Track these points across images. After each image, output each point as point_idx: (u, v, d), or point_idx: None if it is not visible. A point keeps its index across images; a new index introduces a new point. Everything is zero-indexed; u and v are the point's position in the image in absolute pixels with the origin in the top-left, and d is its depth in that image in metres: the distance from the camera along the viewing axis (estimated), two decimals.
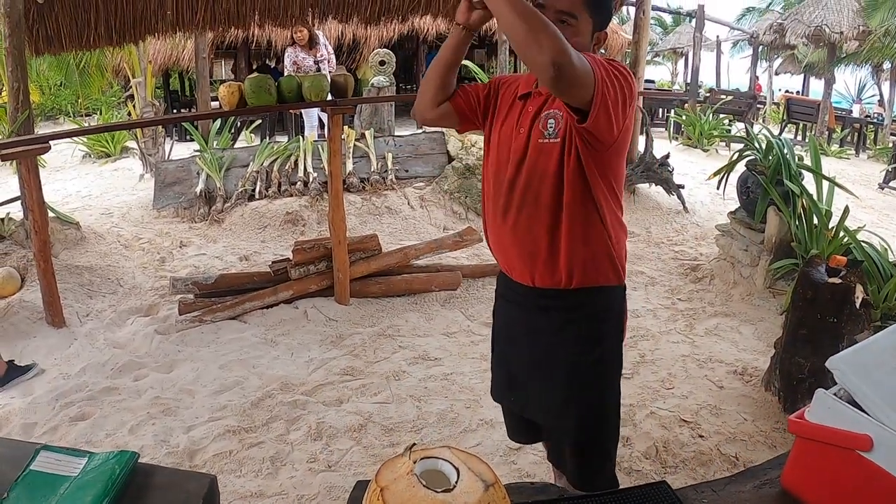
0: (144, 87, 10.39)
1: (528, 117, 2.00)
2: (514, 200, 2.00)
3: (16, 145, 4.63)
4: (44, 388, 3.97)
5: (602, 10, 2.00)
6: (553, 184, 1.93)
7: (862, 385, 1.54)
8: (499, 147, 2.08)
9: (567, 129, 1.89)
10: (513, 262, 2.08)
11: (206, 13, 6.76)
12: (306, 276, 5.01)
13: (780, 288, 5.06)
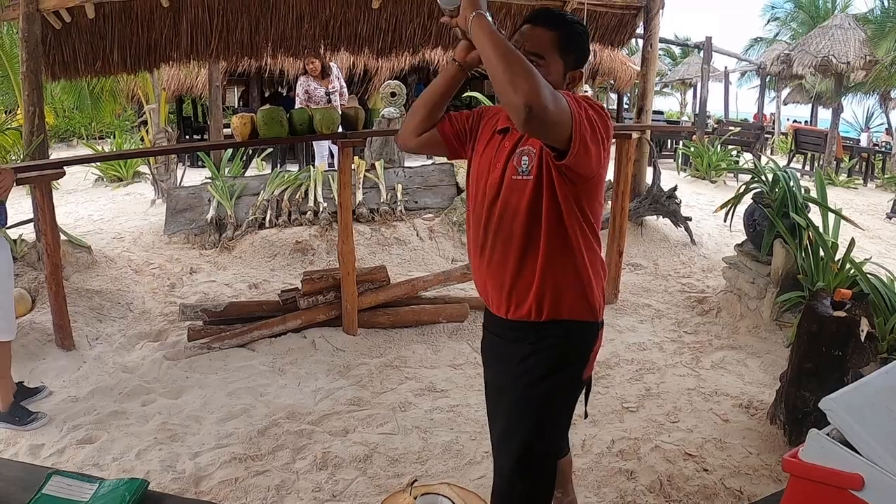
0: (158, 114, 10.52)
1: (504, 153, 2.04)
2: (489, 236, 2.05)
3: (31, 169, 4.72)
4: (52, 411, 4.00)
5: (573, 50, 2.05)
6: (525, 220, 1.97)
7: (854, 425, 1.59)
8: (476, 181, 2.13)
9: (541, 166, 1.94)
10: (491, 294, 2.12)
11: (219, 43, 6.88)
12: (315, 305, 5.05)
13: (786, 320, 5.08)
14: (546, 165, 1.92)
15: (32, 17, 6.07)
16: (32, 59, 6.08)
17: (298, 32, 6.93)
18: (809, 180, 11.87)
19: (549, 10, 2.08)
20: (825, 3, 27.10)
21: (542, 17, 2.05)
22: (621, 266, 6.03)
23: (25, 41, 6.07)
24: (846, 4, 26.82)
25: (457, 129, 2.24)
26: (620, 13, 7.82)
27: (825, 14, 24.69)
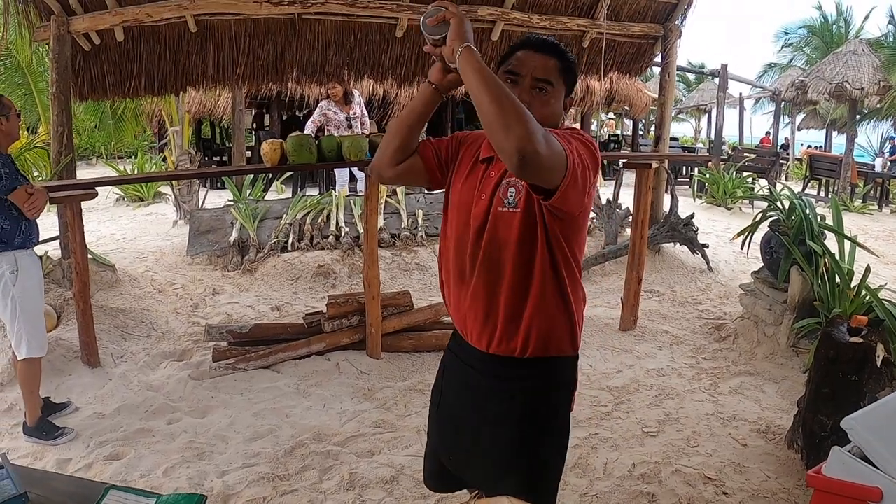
0: (181, 136, 10.67)
1: (490, 183, 1.97)
2: (474, 266, 1.97)
3: (64, 189, 4.85)
4: (78, 426, 4.08)
5: (572, 77, 2.04)
6: (514, 253, 1.92)
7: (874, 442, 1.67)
8: (458, 209, 2.04)
9: (529, 199, 1.89)
10: (469, 325, 2.03)
11: (246, 68, 7.00)
12: (339, 329, 5.11)
13: (803, 347, 5.11)
14: (535, 198, 1.86)
15: (63, 39, 6.23)
16: (62, 80, 6.23)
17: (323, 59, 7.04)
18: (825, 206, 11.88)
19: (544, 38, 2.03)
20: (838, 29, 27.26)
21: (543, 44, 2.00)
22: (640, 293, 6.07)
23: (56, 62, 6.22)
24: (860, 30, 26.97)
25: (439, 155, 2.14)
26: (639, 42, 7.92)
27: (839, 39, 24.83)
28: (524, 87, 1.94)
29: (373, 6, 6.59)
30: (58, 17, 6.18)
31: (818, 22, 28.28)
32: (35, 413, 4.02)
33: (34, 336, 3.99)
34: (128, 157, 21.65)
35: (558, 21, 7.24)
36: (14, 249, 3.92)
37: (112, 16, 6.27)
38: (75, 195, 4.79)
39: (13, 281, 3.91)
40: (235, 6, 6.38)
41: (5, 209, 3.87)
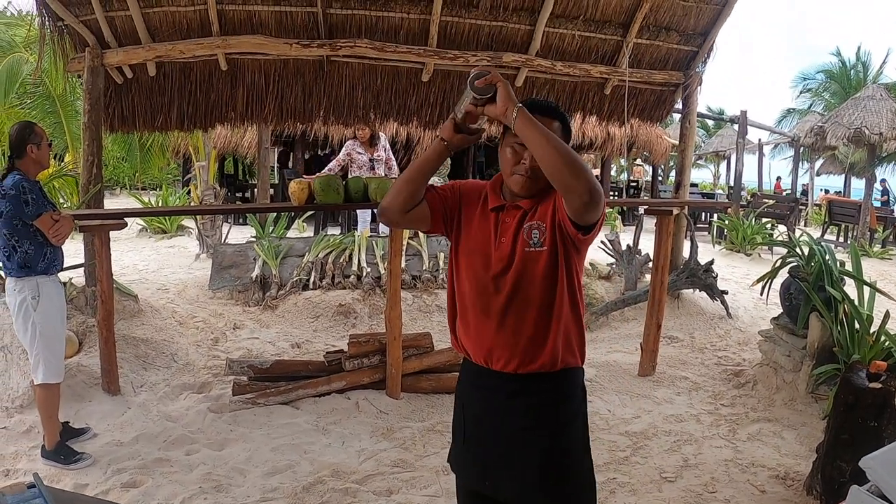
0: (207, 171, 10.83)
1: (508, 229, 2.20)
2: (499, 302, 2.18)
3: (93, 218, 4.97)
4: (96, 453, 4.13)
5: (569, 134, 2.27)
6: (543, 286, 2.15)
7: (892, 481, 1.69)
8: (474, 254, 2.26)
9: (554, 238, 2.14)
10: (497, 354, 2.19)
11: (274, 107, 7.15)
12: (360, 368, 5.13)
13: (822, 393, 5.07)
14: (559, 236, 2.13)
15: (97, 71, 6.42)
16: (94, 111, 6.41)
17: (351, 101, 7.18)
18: (844, 252, 11.82)
19: (545, 102, 2.26)
20: (857, 74, 27.32)
21: (546, 108, 2.21)
22: (659, 339, 6.07)
23: (89, 93, 6.41)
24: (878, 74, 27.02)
25: (445, 205, 2.35)
26: (660, 90, 8.01)
27: (857, 84, 24.87)
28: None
29: (400, 51, 6.74)
30: (92, 49, 6.39)
31: (836, 67, 28.40)
32: (53, 437, 4.08)
33: (51, 362, 4.07)
34: (151, 189, 21.95)
35: (581, 68, 7.35)
36: (37, 275, 4.02)
37: (145, 51, 6.48)
38: (104, 224, 4.90)
39: (34, 306, 4.00)
40: (266, 46, 6.55)
41: (31, 234, 3.98)
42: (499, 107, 2.02)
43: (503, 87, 2.02)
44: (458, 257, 2.32)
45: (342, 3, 6.53)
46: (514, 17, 6.89)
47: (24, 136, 4.05)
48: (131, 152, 14.58)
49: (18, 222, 3.95)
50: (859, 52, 28.25)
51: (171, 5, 6.37)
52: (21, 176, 3.98)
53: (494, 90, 2.04)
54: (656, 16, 7.29)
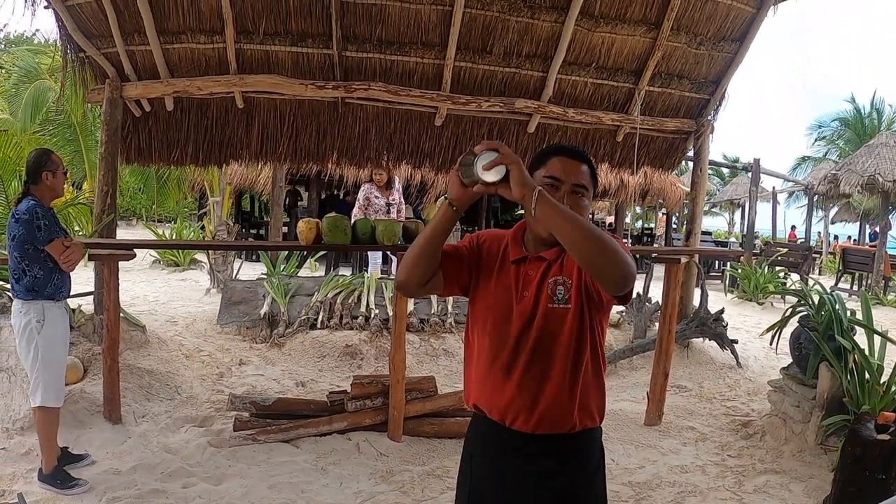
0: (221, 207, 10.93)
1: (531, 283, 2.13)
2: (521, 359, 2.11)
3: (104, 247, 5.03)
4: (93, 479, 4.13)
5: (597, 179, 2.26)
6: (567, 344, 2.08)
7: None
8: (495, 308, 2.18)
9: (580, 295, 2.08)
10: (515, 412, 2.12)
11: (288, 146, 7.23)
12: (362, 409, 5.10)
13: (831, 444, 4.98)
14: (585, 294, 2.07)
15: (116, 103, 6.55)
16: (111, 143, 6.52)
17: (364, 143, 7.25)
18: (857, 301, 11.76)
19: (573, 147, 2.24)
20: (871, 122, 27.36)
21: (575, 152, 2.20)
22: (666, 388, 6.02)
23: (107, 124, 6.54)
24: (892, 121, 27.04)
25: (461, 266, 2.24)
26: (671, 137, 8.04)
27: (872, 131, 24.93)
28: (565, 191, 2.13)
29: (413, 94, 6.82)
30: (112, 81, 6.53)
31: (851, 114, 28.47)
32: (51, 461, 4.10)
33: (51, 386, 4.09)
34: (167, 222, 22.18)
35: (593, 115, 7.41)
36: (44, 300, 4.07)
37: (164, 85, 6.60)
38: (114, 254, 4.96)
39: (38, 329, 4.04)
40: (282, 86, 6.65)
41: (41, 259, 4.04)
42: (515, 192, 1.89)
43: (516, 171, 1.89)
44: (477, 311, 2.25)
45: (358, 46, 6.63)
46: (526, 63, 6.97)
47: (40, 163, 4.13)
48: (148, 184, 14.82)
49: (30, 247, 4.02)
50: (874, 100, 28.39)
51: (191, 42, 6.50)
52: (35, 202, 4.06)
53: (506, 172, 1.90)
54: (668, 64, 7.35)
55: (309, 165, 8.01)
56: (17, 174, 9.58)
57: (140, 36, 6.38)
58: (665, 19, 6.84)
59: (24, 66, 14.14)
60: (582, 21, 6.72)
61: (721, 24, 7.18)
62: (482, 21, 6.61)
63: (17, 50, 18.12)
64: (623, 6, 6.79)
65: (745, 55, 7.45)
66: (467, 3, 6.39)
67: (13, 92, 13.78)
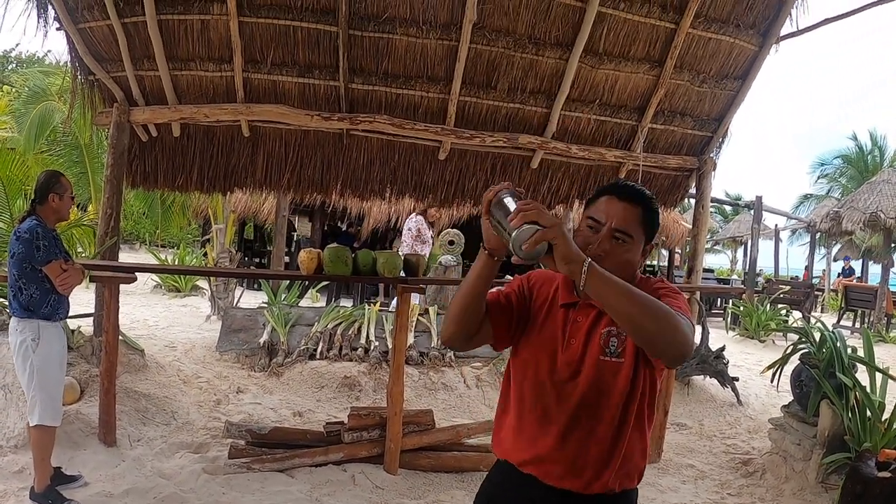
0: (224, 234, 10.96)
1: (580, 330, 1.98)
2: (563, 412, 1.97)
3: (106, 269, 5.05)
4: (84, 501, 4.12)
5: (654, 224, 2.05)
6: (618, 402, 1.93)
7: None
8: (539, 354, 2.03)
9: (637, 348, 1.91)
10: (551, 465, 1.99)
11: (292, 176, 7.27)
12: (358, 441, 5.07)
13: (832, 483, 4.94)
14: (641, 352, 1.90)
15: (123, 127, 6.63)
16: (117, 166, 6.60)
17: (368, 175, 7.28)
18: (860, 338, 11.72)
19: (629, 185, 2.04)
20: (874, 159, 27.43)
21: (627, 192, 2.01)
22: (666, 425, 5.99)
23: (113, 148, 6.61)
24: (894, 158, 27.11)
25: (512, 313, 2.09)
26: (674, 174, 8.06)
27: (874, 169, 25.00)
28: (604, 235, 1.97)
29: (418, 128, 6.87)
30: (120, 105, 6.61)
31: (853, 152, 28.54)
32: (44, 480, 4.09)
33: (48, 405, 4.08)
34: (170, 247, 22.23)
35: (596, 152, 7.44)
36: (39, 319, 4.08)
37: (171, 111, 6.67)
38: (115, 277, 4.99)
39: (34, 348, 4.05)
40: (288, 116, 6.71)
41: (38, 279, 4.06)
42: (560, 268, 1.69)
43: (562, 245, 1.66)
44: (521, 352, 2.09)
45: (364, 78, 6.70)
46: (531, 99, 7.03)
47: (49, 185, 4.17)
48: (153, 209, 14.88)
49: (28, 266, 4.04)
50: (875, 137, 28.50)
51: (199, 70, 6.59)
52: (38, 222, 4.09)
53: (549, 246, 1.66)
54: (671, 101, 7.40)
55: (313, 196, 8.04)
56: (22, 193, 9.64)
57: (149, 61, 6.46)
58: (668, 57, 6.90)
59: (33, 86, 14.28)
60: (586, 58, 6.78)
61: (724, 61, 7.24)
62: (487, 57, 6.68)
63: (28, 71, 18.32)
64: (627, 44, 6.86)
65: (747, 93, 7.50)
66: (473, 39, 6.47)
67: (22, 111, 13.91)
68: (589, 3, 6.39)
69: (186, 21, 6.33)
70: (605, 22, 6.64)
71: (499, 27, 6.55)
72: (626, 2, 6.54)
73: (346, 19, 6.30)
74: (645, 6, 6.60)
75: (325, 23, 6.36)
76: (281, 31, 6.42)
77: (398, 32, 6.44)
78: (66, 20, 6.24)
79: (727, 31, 6.94)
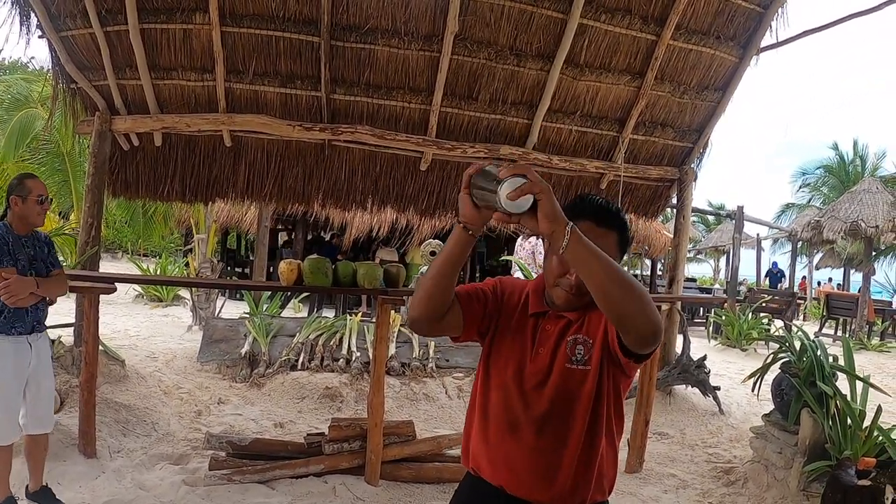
0: (206, 244, 10.93)
1: (548, 339, 1.98)
2: (531, 421, 1.95)
3: (86, 279, 5.02)
4: None
5: (627, 246, 2.04)
6: (585, 409, 1.92)
7: None
8: (508, 363, 2.02)
9: (602, 357, 1.91)
10: (522, 478, 1.96)
11: (274, 186, 7.26)
12: (339, 452, 5.04)
13: (814, 490, 4.94)
14: (608, 357, 1.90)
15: (104, 136, 6.62)
16: (98, 175, 6.58)
17: (350, 186, 7.29)
18: (841, 346, 11.78)
19: (605, 208, 2.00)
20: (854, 168, 27.71)
21: (605, 216, 1.97)
22: (647, 435, 6.00)
23: (94, 157, 6.59)
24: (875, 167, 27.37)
25: (486, 308, 2.07)
26: (655, 185, 8.12)
27: (855, 178, 25.21)
28: None
29: (399, 139, 6.90)
30: (102, 114, 6.60)
31: (835, 162, 28.79)
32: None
33: (1, 422, 3.85)
34: (152, 257, 22.12)
35: (577, 163, 7.50)
36: None
37: (153, 121, 6.66)
38: (94, 287, 4.93)
39: None
40: (270, 127, 6.72)
41: None
42: (542, 226, 1.65)
43: (546, 200, 1.63)
44: (490, 363, 2.07)
45: (346, 89, 6.72)
46: (512, 110, 7.08)
47: (11, 187, 3.91)
48: (135, 218, 14.83)
49: None
50: (856, 147, 28.78)
51: (181, 79, 6.60)
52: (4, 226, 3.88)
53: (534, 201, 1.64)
54: (652, 112, 7.47)
55: (294, 206, 8.03)
56: (1, 200, 9.57)
57: (131, 70, 6.46)
58: (649, 69, 6.98)
59: (15, 93, 14.20)
60: (567, 69, 6.84)
61: (704, 73, 7.32)
62: (469, 68, 6.73)
63: (9, 78, 18.23)
64: (608, 55, 6.93)
65: (728, 104, 7.59)
66: (455, 50, 6.51)
67: (4, 118, 13.82)
68: (570, 14, 6.46)
69: (169, 30, 6.34)
70: (586, 33, 6.71)
71: (480, 38, 6.60)
72: (608, 13, 6.62)
73: (329, 30, 6.33)
74: (626, 18, 6.68)
75: (307, 33, 6.39)
76: (263, 42, 6.44)
77: (380, 43, 6.48)
78: (48, 28, 6.23)
79: (708, 43, 7.03)
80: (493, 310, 2.07)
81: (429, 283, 1.90)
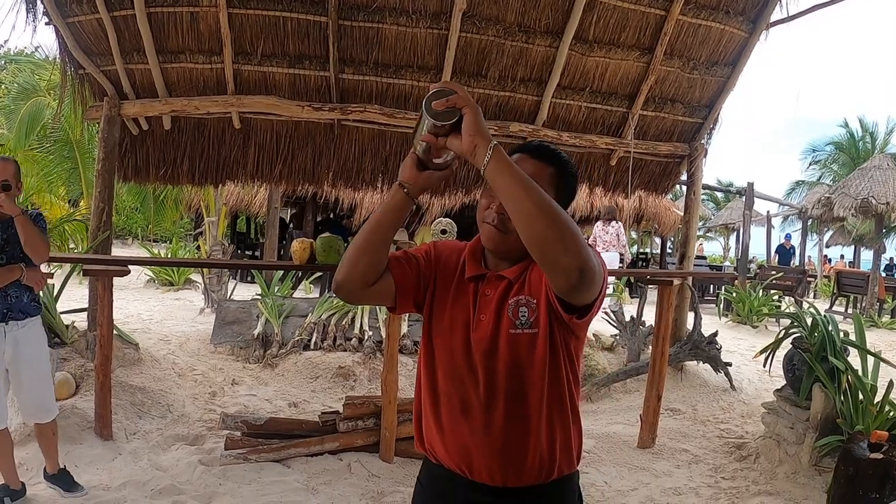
0: (217, 227, 10.95)
1: (489, 303, 1.80)
2: (481, 396, 1.77)
3: (100, 263, 5.04)
4: (81, 496, 4.12)
5: (569, 189, 1.86)
6: (541, 377, 1.75)
7: None
8: (449, 334, 1.83)
9: (549, 318, 1.74)
10: (475, 461, 1.79)
11: (283, 167, 7.27)
12: (354, 430, 5.09)
13: (825, 465, 4.95)
14: (555, 317, 1.72)
15: (113, 121, 6.61)
16: (108, 160, 6.58)
17: (359, 165, 7.29)
18: (852, 323, 11.76)
19: (543, 144, 1.87)
20: (865, 145, 27.52)
21: (539, 150, 1.83)
22: (659, 411, 6.01)
23: (104, 142, 6.58)
24: (885, 143, 27.17)
25: (419, 276, 1.89)
26: (665, 161, 8.08)
27: (865, 155, 25.07)
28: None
29: (409, 117, 6.87)
30: (111, 99, 6.59)
31: (845, 139, 28.61)
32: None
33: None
34: (163, 242, 22.20)
35: (587, 139, 7.46)
36: None
37: (162, 104, 6.65)
38: (108, 270, 4.94)
39: None
40: (279, 108, 6.70)
41: None
42: (465, 141, 1.55)
43: (471, 114, 1.55)
44: (432, 336, 1.88)
45: (354, 68, 6.71)
46: (521, 87, 7.05)
47: None
48: (145, 203, 14.87)
49: None
50: (865, 124, 28.57)
51: (189, 62, 6.58)
52: None
53: (459, 116, 1.57)
54: (661, 88, 7.43)
55: (304, 187, 8.03)
56: None
57: (139, 55, 6.44)
58: (658, 44, 6.93)
59: (23, 82, 14.22)
60: (576, 46, 6.80)
61: (714, 48, 7.27)
62: (478, 45, 6.69)
63: (17, 64, 18.23)
64: (617, 31, 6.88)
65: (738, 79, 7.53)
66: (463, 28, 6.47)
67: (12, 108, 13.85)
68: None
69: (176, 13, 6.31)
70: (594, 9, 6.66)
71: (488, 15, 6.55)
72: None
73: (336, 9, 6.29)
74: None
75: (314, 13, 6.37)
76: (270, 22, 6.41)
77: (388, 22, 6.45)
78: (55, 14, 6.21)
79: (717, 18, 6.97)
80: (427, 277, 1.90)
81: (359, 244, 1.78)
